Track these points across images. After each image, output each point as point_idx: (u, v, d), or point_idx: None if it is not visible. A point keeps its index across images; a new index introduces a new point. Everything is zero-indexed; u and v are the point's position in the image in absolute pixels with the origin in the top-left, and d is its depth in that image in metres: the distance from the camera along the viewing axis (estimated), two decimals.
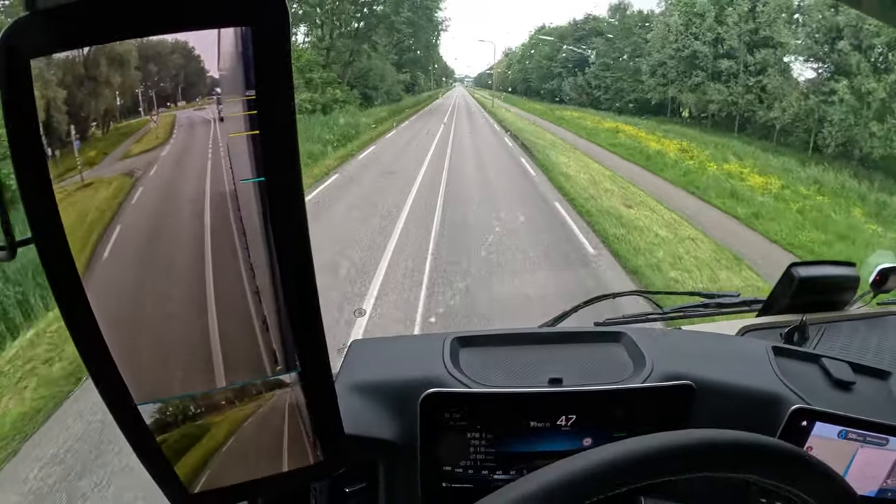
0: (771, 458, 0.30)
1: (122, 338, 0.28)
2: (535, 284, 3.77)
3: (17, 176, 0.25)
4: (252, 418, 0.34)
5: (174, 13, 0.24)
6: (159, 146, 0.26)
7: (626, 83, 25.49)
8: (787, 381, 0.60)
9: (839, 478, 0.33)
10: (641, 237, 5.19)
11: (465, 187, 7.27)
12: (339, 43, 20.01)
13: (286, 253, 0.29)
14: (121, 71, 0.25)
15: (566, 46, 31.34)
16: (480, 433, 0.50)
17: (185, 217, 0.26)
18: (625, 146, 13.88)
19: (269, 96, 0.26)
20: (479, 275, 3.85)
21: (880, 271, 0.96)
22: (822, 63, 14.07)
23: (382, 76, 23.84)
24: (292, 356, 0.32)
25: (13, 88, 0.23)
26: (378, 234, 4.62)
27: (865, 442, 0.56)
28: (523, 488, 0.26)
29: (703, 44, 19.30)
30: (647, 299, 0.95)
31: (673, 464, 0.28)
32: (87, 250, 0.26)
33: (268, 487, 0.37)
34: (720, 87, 18.88)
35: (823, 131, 13.89)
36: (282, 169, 0.27)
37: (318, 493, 0.51)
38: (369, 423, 0.49)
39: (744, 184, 9.37)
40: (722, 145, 15.29)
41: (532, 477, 0.27)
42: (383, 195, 6.29)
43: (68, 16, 0.24)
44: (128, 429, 0.31)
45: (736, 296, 0.94)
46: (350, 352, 0.57)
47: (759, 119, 17.13)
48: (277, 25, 0.25)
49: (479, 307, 3.30)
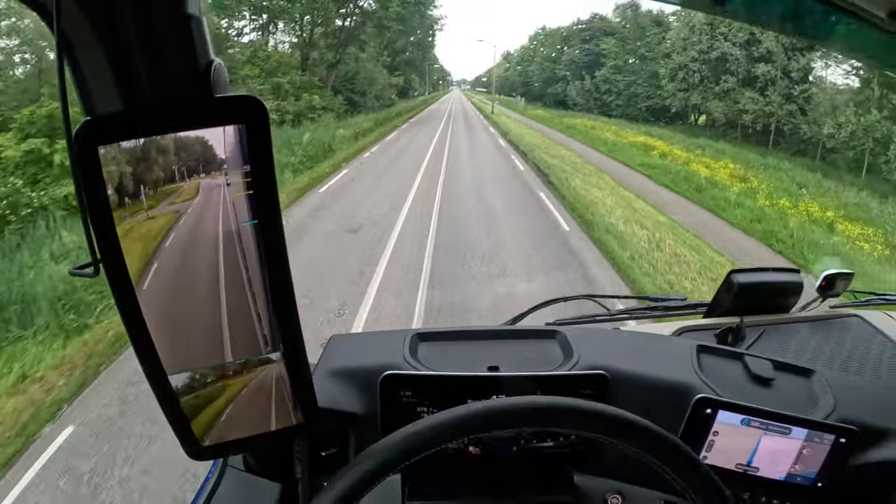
0: (591, 418, 0.47)
1: (159, 326, 0.47)
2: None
3: (93, 222, 0.44)
4: (249, 387, 0.52)
5: (193, 118, 0.44)
6: (189, 200, 0.45)
7: (641, 87, 25.10)
8: (702, 375, 0.77)
9: (663, 433, 0.49)
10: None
11: (462, 260, 4.95)
12: (323, 43, 19.07)
13: (272, 269, 0.48)
14: (163, 155, 0.45)
15: (568, 49, 31.38)
16: (428, 408, 0.70)
17: (206, 245, 0.46)
18: (661, 169, 12.62)
19: (256, 168, 0.45)
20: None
21: (825, 277, 1.14)
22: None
23: (372, 80, 23.12)
24: (277, 340, 0.51)
25: (87, 167, 0.42)
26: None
27: (768, 430, 0.72)
28: (394, 437, 0.44)
29: (734, 45, 18.68)
30: (596, 302, 1.12)
31: (502, 421, 0.46)
32: (138, 267, 0.46)
33: (259, 442, 0.55)
34: (754, 96, 17.98)
35: (889, 154, 13.04)
36: (268, 215, 0.46)
37: (300, 456, 0.69)
38: (341, 399, 0.69)
39: (840, 237, 7.91)
40: (774, 167, 14.26)
41: (398, 432, 0.45)
42: (331, 279, 4.06)
43: (120, 119, 0.43)
44: (159, 393, 0.50)
45: (683, 299, 1.12)
46: (329, 344, 0.78)
47: (802, 134, 16.31)
48: (260, 121, 0.45)
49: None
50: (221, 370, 0.51)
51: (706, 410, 0.73)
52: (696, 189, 10.26)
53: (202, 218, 0.46)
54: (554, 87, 33.83)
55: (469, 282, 4.25)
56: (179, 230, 0.45)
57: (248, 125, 0.44)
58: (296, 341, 0.52)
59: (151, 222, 0.46)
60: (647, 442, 0.48)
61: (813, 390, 0.82)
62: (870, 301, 1.31)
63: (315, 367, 0.74)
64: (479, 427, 0.46)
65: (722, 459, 0.74)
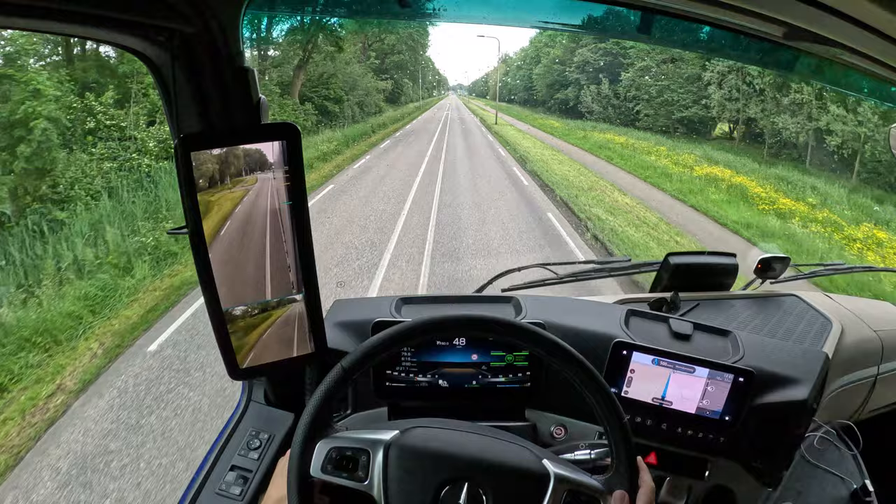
0: (491, 327, 0.81)
1: (221, 271, 0.84)
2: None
3: (183, 199, 0.80)
4: (279, 320, 0.88)
5: (253, 137, 0.82)
6: (251, 186, 0.83)
7: (678, 94, 22.65)
8: (626, 330, 1.13)
9: (570, 349, 0.82)
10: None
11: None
12: (286, 38, 17.70)
13: (299, 234, 0.85)
14: (236, 160, 0.82)
15: (581, 49, 29.46)
16: (407, 349, 1.04)
17: (259, 216, 0.84)
18: (793, 241, 8.97)
19: (292, 169, 0.83)
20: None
21: (761, 260, 1.52)
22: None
23: (353, 83, 22.26)
24: (300, 284, 0.87)
25: (185, 164, 0.80)
26: None
27: (675, 369, 1.08)
28: (363, 345, 0.78)
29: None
30: (548, 269, 1.49)
31: (439, 330, 0.80)
32: (215, 228, 0.82)
33: (284, 365, 0.90)
34: (841, 113, 14.78)
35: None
36: (298, 199, 0.84)
37: (309, 390, 1.03)
38: (343, 342, 1.06)
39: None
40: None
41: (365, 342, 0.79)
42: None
43: (204, 136, 0.81)
44: (215, 323, 0.85)
45: (627, 260, 1.49)
46: (333, 305, 1.17)
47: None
48: (295, 139, 0.83)
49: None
50: (262, 306, 0.87)
51: (622, 352, 1.09)
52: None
53: (258, 198, 0.83)
54: (563, 92, 32.74)
55: None
56: (244, 204, 0.83)
57: (287, 142, 0.82)
58: (314, 287, 0.89)
59: (231, 197, 0.82)
60: (550, 349, 0.78)
61: (727, 345, 1.19)
62: (815, 273, 1.69)
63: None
64: (418, 334, 0.78)
65: (640, 393, 1.10)
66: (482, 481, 0.72)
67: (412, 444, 0.75)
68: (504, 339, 0.82)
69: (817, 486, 1.32)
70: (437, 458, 0.74)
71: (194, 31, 0.78)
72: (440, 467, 0.73)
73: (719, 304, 1.45)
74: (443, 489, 0.72)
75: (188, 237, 0.82)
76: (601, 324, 1.17)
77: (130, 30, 0.76)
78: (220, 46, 0.82)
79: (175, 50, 0.80)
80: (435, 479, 0.72)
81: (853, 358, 1.42)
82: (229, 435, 1.07)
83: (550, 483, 0.72)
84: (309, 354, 0.93)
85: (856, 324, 1.50)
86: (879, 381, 1.49)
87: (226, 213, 0.82)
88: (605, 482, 0.74)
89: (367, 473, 0.72)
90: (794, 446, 1.22)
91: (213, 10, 0.79)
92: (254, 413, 1.10)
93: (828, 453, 1.39)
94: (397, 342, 0.78)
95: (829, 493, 1.31)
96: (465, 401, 1.15)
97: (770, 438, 1.13)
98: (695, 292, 1.45)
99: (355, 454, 0.73)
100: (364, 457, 0.73)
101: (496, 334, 0.81)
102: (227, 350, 0.87)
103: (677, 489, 1.17)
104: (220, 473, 1.00)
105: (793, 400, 1.11)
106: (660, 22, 1.11)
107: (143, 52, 0.81)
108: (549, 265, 1.56)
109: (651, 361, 1.09)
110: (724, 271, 1.51)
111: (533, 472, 0.74)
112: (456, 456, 0.74)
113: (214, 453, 1.04)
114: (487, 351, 1.11)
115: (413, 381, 1.12)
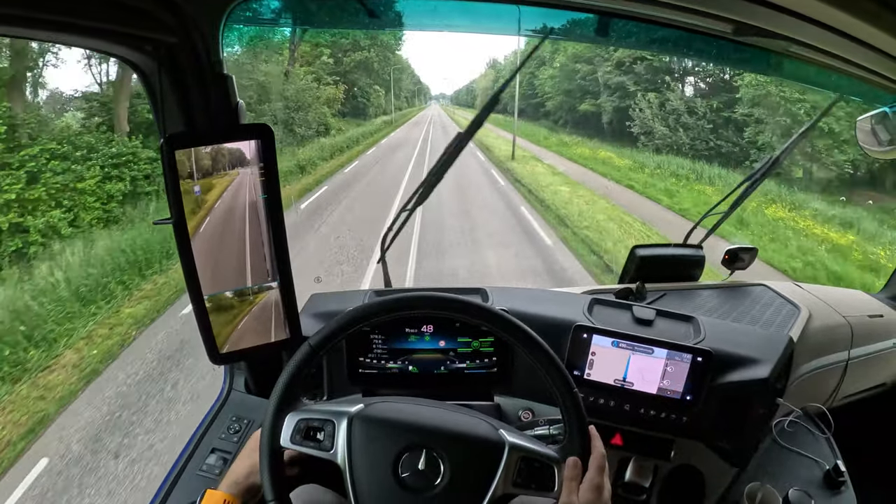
0: (451, 306, 0.86)
1: (203, 261, 0.92)
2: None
3: (168, 193, 0.89)
4: (256, 306, 0.95)
5: (232, 136, 0.90)
6: (232, 181, 0.91)
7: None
8: (589, 316, 1.19)
9: (531, 332, 0.87)
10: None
11: None
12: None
13: (273, 226, 0.93)
14: (219, 156, 0.90)
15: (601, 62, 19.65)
16: (378, 335, 1.12)
17: (239, 208, 0.92)
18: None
19: (266, 165, 0.91)
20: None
21: (728, 251, 1.58)
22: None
23: (265, 92, 14.58)
24: (275, 273, 0.95)
25: (170, 161, 0.88)
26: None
27: (635, 350, 1.14)
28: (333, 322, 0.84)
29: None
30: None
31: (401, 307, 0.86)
32: (195, 223, 0.90)
33: (261, 350, 0.97)
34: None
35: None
36: (272, 193, 0.93)
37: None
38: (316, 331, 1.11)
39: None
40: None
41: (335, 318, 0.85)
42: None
43: (188, 135, 0.89)
44: (197, 309, 0.93)
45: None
46: (310, 299, 1.22)
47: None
48: (269, 138, 0.92)
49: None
50: (241, 293, 0.94)
51: (583, 335, 1.16)
52: None
53: (237, 191, 0.92)
54: (589, 103, 21.81)
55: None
56: (226, 197, 0.92)
57: (262, 141, 0.90)
58: (287, 275, 0.96)
59: (214, 190, 0.90)
60: (492, 318, 0.82)
61: (689, 329, 1.24)
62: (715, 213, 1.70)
63: (300, 313, 1.17)
64: (375, 311, 0.83)
65: (602, 375, 1.16)
66: (440, 448, 0.78)
67: (375, 415, 0.81)
68: (455, 317, 0.87)
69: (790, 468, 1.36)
70: (397, 426, 0.80)
71: (178, 41, 0.87)
72: (400, 435, 0.79)
73: (686, 294, 1.51)
74: (402, 455, 0.77)
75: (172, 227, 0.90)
76: (565, 311, 1.23)
77: (120, 40, 0.84)
78: (202, 55, 0.91)
79: (161, 58, 0.89)
80: (395, 447, 0.78)
81: (822, 343, 1.47)
82: (211, 421, 1.13)
83: (505, 451, 0.77)
84: (284, 340, 1.00)
85: (825, 310, 1.55)
86: (850, 366, 1.53)
87: (210, 204, 0.90)
88: (559, 450, 0.80)
89: (333, 443, 0.77)
90: (760, 427, 1.26)
91: (195, 22, 0.88)
92: (235, 400, 1.17)
93: (800, 436, 1.42)
94: (359, 320, 0.84)
95: (801, 474, 1.34)
96: (435, 386, 1.21)
97: (733, 418, 1.18)
98: (663, 283, 1.51)
99: (322, 425, 0.79)
100: (329, 427, 0.78)
101: (448, 311, 0.85)
102: (209, 335, 0.95)
103: (643, 469, 1.21)
104: (202, 455, 1.06)
105: (753, 379, 1.16)
106: (616, 24, 1.19)
107: (132, 61, 0.90)
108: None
109: (611, 344, 1.15)
110: (691, 263, 1.57)
111: (489, 439, 0.79)
112: (415, 425, 0.80)
113: (196, 438, 1.10)
114: (454, 337, 1.18)
115: (384, 368, 1.19)
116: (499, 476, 0.76)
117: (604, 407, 1.19)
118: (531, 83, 27.69)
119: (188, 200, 0.88)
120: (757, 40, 1.05)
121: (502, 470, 0.76)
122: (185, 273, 0.91)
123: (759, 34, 0.97)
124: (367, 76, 25.26)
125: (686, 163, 15.29)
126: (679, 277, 1.56)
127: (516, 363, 1.22)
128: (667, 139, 17.50)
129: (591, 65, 21.52)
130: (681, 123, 17.27)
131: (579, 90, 22.91)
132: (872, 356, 1.60)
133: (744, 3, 0.78)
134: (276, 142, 0.92)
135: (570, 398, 0.80)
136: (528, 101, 27.74)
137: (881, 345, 1.63)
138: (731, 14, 0.91)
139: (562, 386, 0.80)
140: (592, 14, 1.14)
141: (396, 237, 1.38)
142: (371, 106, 26.26)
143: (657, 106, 18.08)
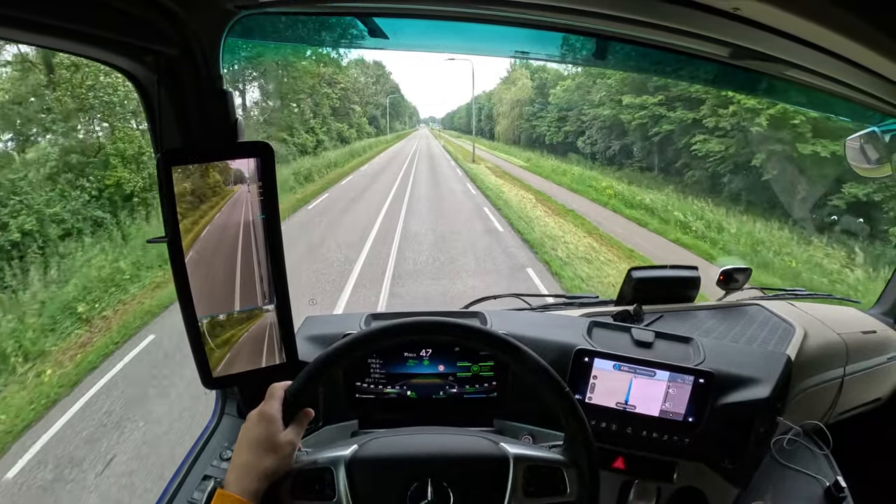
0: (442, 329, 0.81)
1: (196, 282, 0.88)
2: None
3: (163, 210, 0.85)
4: (249, 331, 0.91)
5: (229, 154, 0.87)
6: (229, 198, 0.88)
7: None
8: (589, 339, 1.17)
9: (533, 354, 0.84)
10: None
11: None
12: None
13: (272, 247, 0.89)
14: (215, 173, 0.87)
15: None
16: (376, 360, 1.09)
17: (233, 227, 0.89)
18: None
19: (265, 183, 0.89)
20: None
21: (723, 272, 1.58)
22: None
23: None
24: (271, 296, 0.91)
25: (166, 177, 0.85)
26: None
27: (637, 373, 1.12)
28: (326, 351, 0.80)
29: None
30: (521, 299, 1.53)
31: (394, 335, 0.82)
32: (189, 241, 0.86)
33: (254, 375, 0.93)
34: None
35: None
36: (271, 212, 0.89)
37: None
38: (313, 355, 1.07)
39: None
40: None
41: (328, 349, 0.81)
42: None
43: (185, 151, 0.87)
44: (190, 331, 0.89)
45: (595, 297, 1.53)
46: (305, 321, 1.19)
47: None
48: (268, 156, 0.89)
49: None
50: (237, 315, 0.90)
51: (584, 359, 1.14)
52: None
53: (234, 208, 0.89)
54: (589, 135, 21.40)
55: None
56: (222, 215, 0.89)
57: (260, 159, 0.87)
58: (284, 297, 0.93)
59: (210, 209, 0.87)
60: (486, 338, 0.77)
61: (688, 351, 1.23)
62: (777, 296, 1.75)
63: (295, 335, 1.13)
64: (384, 338, 0.80)
65: (604, 399, 1.14)
66: (444, 475, 0.75)
67: (371, 455, 0.78)
68: (447, 339, 0.84)
69: (789, 486, 1.34)
70: (397, 462, 0.77)
71: (178, 53, 0.85)
72: (402, 471, 0.76)
73: (683, 314, 1.51)
74: (408, 492, 0.74)
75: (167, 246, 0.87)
76: (565, 335, 1.22)
77: (119, 49, 0.82)
78: (202, 69, 0.89)
79: (160, 71, 0.87)
80: (400, 483, 0.75)
81: (818, 360, 1.48)
82: (202, 447, 1.08)
83: (510, 464, 0.75)
84: (278, 365, 0.96)
85: (819, 328, 1.56)
86: (846, 383, 1.54)
87: (204, 224, 0.86)
88: (562, 452, 0.78)
89: (335, 490, 0.74)
90: (761, 445, 1.25)
91: (196, 35, 0.86)
92: (227, 426, 1.12)
93: (798, 454, 1.41)
94: (347, 352, 0.80)
95: (801, 491, 1.33)
96: (434, 412, 1.18)
97: (735, 438, 1.16)
98: (659, 304, 1.50)
99: (319, 474, 0.75)
100: (328, 475, 0.75)
101: (438, 334, 0.80)
102: (201, 358, 0.91)
103: (646, 492, 1.19)
104: (193, 484, 1.01)
105: (754, 399, 1.15)
106: (614, 48, 1.20)
107: (131, 71, 0.88)
108: (522, 296, 1.61)
109: (612, 367, 1.14)
110: (687, 284, 1.57)
111: (491, 456, 0.77)
112: (415, 457, 0.77)
113: (187, 465, 1.05)
114: (454, 362, 1.15)
115: (382, 393, 1.15)
116: (509, 490, 0.74)
117: (606, 431, 1.17)
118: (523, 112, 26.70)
119: (191, 215, 0.85)
120: (752, 63, 1.07)
121: (511, 483, 0.74)
122: (178, 294, 0.87)
123: (755, 57, 0.98)
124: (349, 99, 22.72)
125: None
126: (675, 298, 1.57)
127: (517, 387, 1.19)
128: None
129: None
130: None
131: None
132: (867, 372, 1.61)
133: (740, 27, 0.79)
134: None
135: (564, 399, 0.76)
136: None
137: (876, 360, 1.64)
138: (728, 37, 0.92)
139: (555, 389, 0.76)
140: (589, 37, 1.15)
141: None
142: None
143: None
